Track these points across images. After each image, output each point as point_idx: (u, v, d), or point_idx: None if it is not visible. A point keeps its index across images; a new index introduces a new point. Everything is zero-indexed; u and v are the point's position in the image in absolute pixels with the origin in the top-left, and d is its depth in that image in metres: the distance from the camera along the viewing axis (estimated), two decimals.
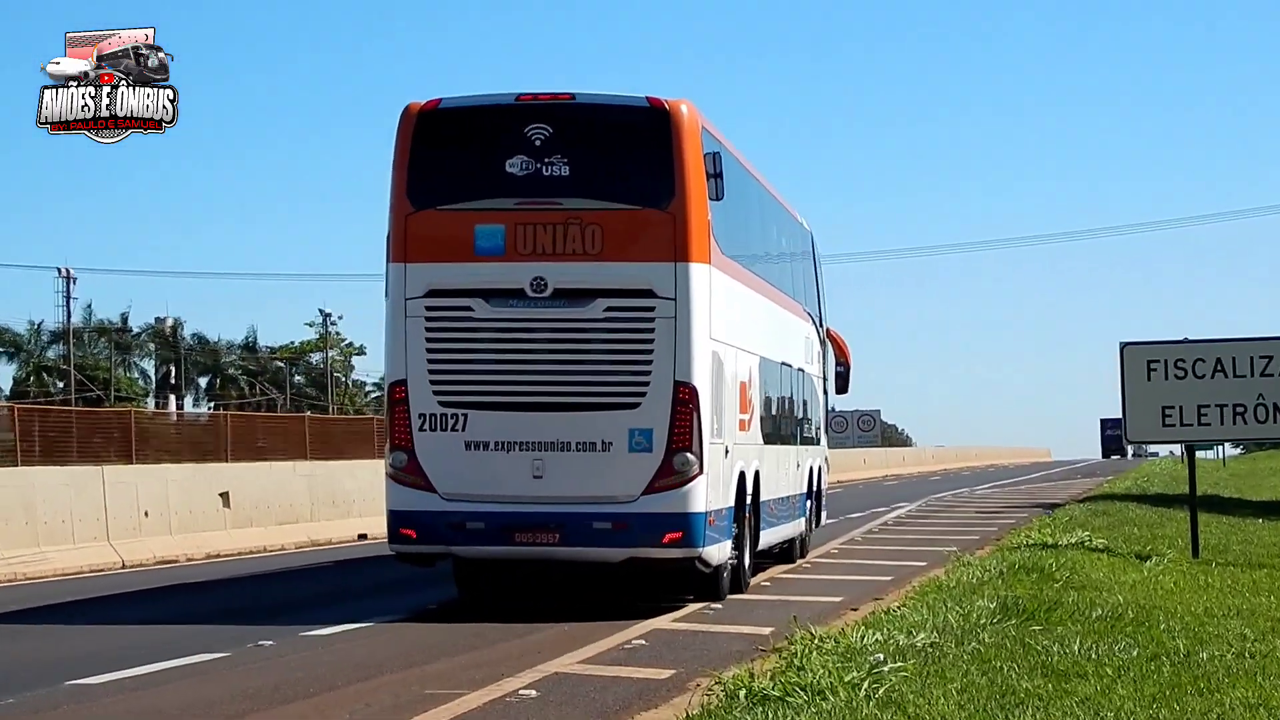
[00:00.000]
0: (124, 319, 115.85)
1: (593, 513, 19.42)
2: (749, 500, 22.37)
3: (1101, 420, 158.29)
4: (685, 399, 19.40)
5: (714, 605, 20.48)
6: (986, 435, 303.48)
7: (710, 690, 12.89)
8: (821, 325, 31.36)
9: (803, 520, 28.28)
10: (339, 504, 38.58)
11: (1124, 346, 26.18)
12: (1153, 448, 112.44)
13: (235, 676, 15.12)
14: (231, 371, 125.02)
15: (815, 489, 29.88)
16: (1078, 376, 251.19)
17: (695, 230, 19.50)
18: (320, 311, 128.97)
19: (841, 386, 33.33)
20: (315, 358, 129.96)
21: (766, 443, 24.33)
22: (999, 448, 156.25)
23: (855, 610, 19.72)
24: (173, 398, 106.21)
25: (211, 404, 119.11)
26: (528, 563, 20.42)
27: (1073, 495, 55.73)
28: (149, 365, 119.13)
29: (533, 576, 22.27)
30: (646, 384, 19.42)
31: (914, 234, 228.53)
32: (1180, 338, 26.52)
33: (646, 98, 19.77)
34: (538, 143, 19.64)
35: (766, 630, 17.81)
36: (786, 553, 27.71)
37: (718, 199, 20.11)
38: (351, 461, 42.96)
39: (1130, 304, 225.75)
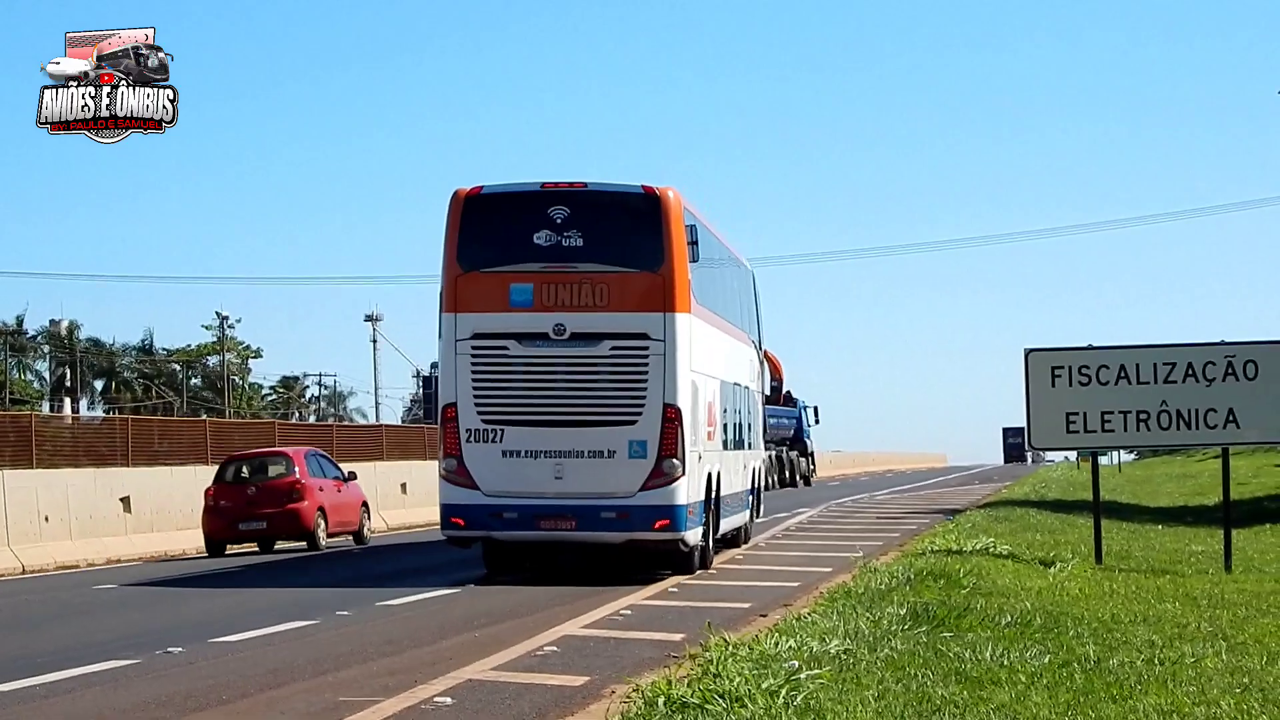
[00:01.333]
0: (19, 321, 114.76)
1: (601, 505, 24.90)
2: (714, 495, 27.54)
3: (1004, 429, 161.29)
4: (672, 417, 24.93)
5: (623, 611, 20.62)
6: (881, 440, 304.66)
7: (628, 698, 12.90)
8: (760, 348, 37.00)
9: (748, 512, 33.64)
10: None
11: (1029, 353, 26.27)
12: (1049, 454, 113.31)
13: (146, 683, 15.02)
14: (127, 375, 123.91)
15: (756, 486, 35.22)
16: (975, 382, 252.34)
17: (679, 288, 25.21)
18: (217, 314, 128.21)
19: (775, 399, 40.67)
20: (212, 360, 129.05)
21: (725, 449, 29.58)
22: (895, 453, 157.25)
23: (765, 616, 19.76)
24: (68, 401, 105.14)
25: (106, 407, 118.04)
26: (548, 545, 25.68)
27: (973, 501, 56.02)
28: (43, 368, 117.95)
29: (547, 558, 27.00)
30: (642, 406, 24.96)
31: (810, 239, 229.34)
32: (1085, 344, 26.66)
33: (642, 186, 25.44)
34: (558, 220, 25.18)
35: (677, 637, 17.82)
36: (734, 539, 32.15)
37: (695, 261, 25.78)
38: None
39: (1030, 310, 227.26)
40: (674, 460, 24.83)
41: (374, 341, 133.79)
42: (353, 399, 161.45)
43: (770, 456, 72.67)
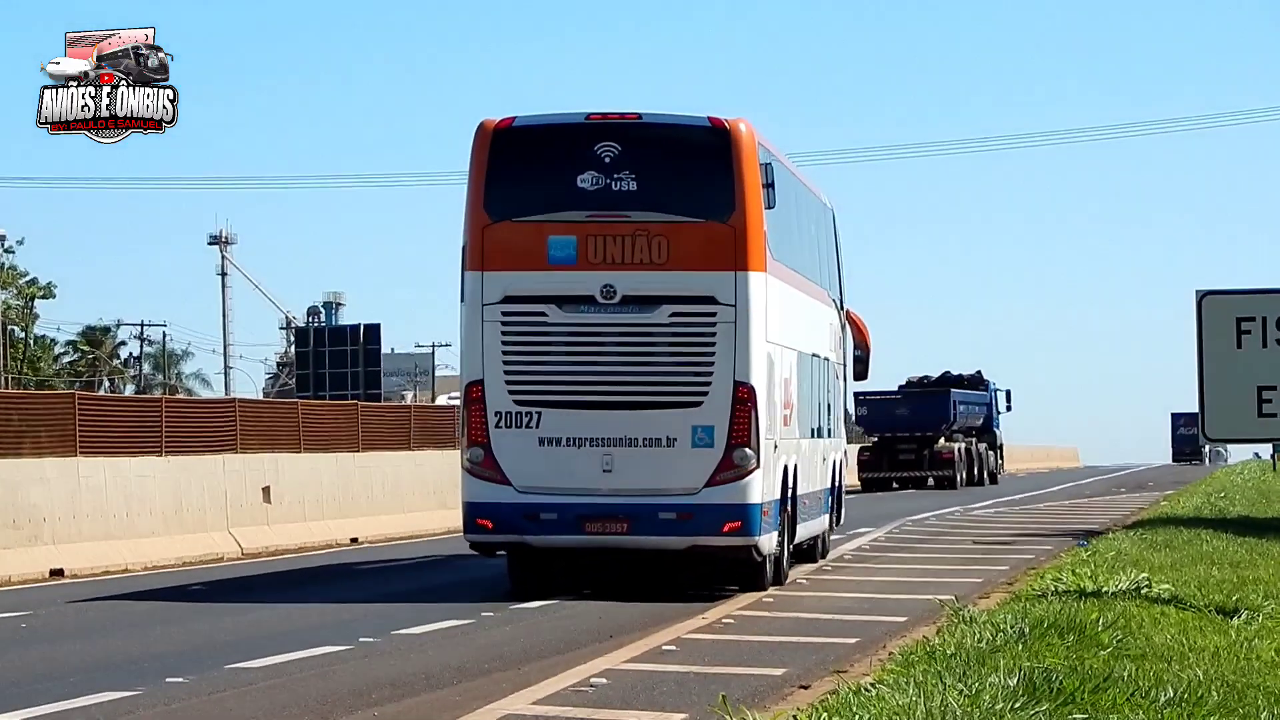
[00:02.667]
0: None
1: (659, 504, 29.02)
2: (790, 494, 32.03)
3: (1173, 415, 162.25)
4: (744, 398, 28.94)
5: (598, 679, 20.67)
6: None
7: None
8: (842, 308, 41.64)
9: (826, 517, 38.24)
10: (22, 524, 38.28)
11: (1203, 297, 26.08)
12: (1232, 448, 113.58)
13: None
14: None
15: (836, 485, 39.87)
16: (1125, 347, 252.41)
17: (753, 242, 29.27)
18: None
19: (860, 372, 43.99)
20: None
21: (802, 437, 34.09)
22: (1003, 446, 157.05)
23: (806, 688, 19.80)
24: None
25: None
26: (591, 553, 30.13)
27: (1118, 518, 56.06)
28: None
29: (586, 570, 31.30)
30: (708, 384, 29.06)
31: (885, 132, 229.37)
32: None
33: (708, 118, 29.47)
34: (607, 159, 29.20)
35: (678, 718, 17.86)
36: (809, 551, 36.87)
37: (770, 208, 29.79)
38: (42, 460, 42.46)
39: (1209, 242, 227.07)
40: (746, 450, 28.96)
41: (223, 275, 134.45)
42: (190, 361, 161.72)
43: (958, 449, 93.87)
